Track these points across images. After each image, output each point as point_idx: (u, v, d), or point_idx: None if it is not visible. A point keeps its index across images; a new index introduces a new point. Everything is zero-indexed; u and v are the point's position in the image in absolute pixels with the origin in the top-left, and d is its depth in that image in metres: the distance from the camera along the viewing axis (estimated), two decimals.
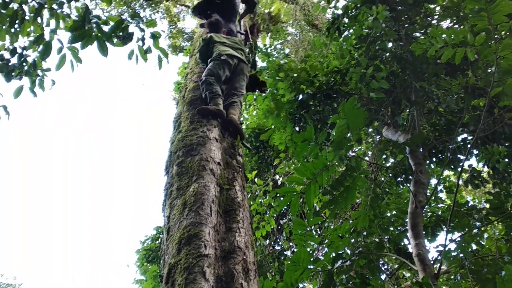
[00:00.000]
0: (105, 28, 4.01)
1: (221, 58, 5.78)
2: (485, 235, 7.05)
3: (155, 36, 4.30)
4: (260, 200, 9.73)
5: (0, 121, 4.84)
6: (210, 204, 3.71)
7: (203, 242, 3.31)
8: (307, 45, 14.87)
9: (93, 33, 3.96)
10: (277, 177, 10.76)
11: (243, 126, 11.43)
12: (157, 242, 15.55)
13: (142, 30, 4.23)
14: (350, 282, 6.09)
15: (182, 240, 3.36)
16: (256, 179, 10.25)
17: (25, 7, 4.45)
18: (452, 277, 6.99)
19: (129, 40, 4.13)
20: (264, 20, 16.36)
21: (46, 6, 4.44)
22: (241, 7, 8.28)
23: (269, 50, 14.83)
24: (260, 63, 9.06)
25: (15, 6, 4.38)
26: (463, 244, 6.52)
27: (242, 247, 3.52)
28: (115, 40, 4.06)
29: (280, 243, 11.26)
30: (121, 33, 4.03)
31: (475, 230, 6.56)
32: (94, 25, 3.96)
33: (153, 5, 18.22)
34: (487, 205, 6.53)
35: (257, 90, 7.68)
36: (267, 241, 10.97)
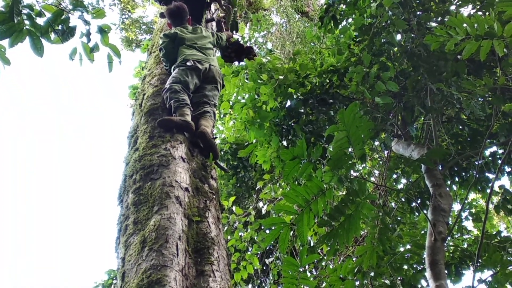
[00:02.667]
0: (40, 21, 4.01)
1: (187, 64, 5.83)
2: None
3: (103, 30, 4.28)
4: (240, 234, 9.70)
5: None
6: (176, 242, 3.69)
7: None
8: (296, 38, 14.96)
9: (25, 27, 3.95)
10: (260, 204, 10.73)
11: (217, 141, 11.44)
12: None
13: (87, 22, 4.21)
14: None
15: None
16: (234, 207, 10.22)
17: None
18: None
19: (70, 35, 4.11)
20: (241, 7, 16.36)
21: None
22: None
23: (248, 44, 14.85)
24: (236, 62, 9.06)
25: None
26: (496, 285, 6.55)
27: None
28: (52, 35, 4.04)
29: (266, 287, 11.24)
30: (60, 27, 4.02)
31: (510, 267, 6.60)
32: (26, 17, 3.95)
33: None
34: None
35: (244, 59, 7.72)
36: (250, 286, 10.94)
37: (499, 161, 7.22)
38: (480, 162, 7.38)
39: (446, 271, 6.62)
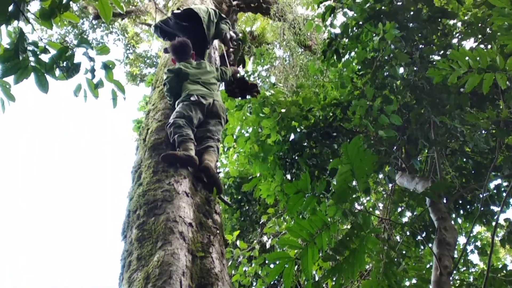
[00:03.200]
0: (45, 58, 4.03)
1: (191, 99, 5.85)
2: None
3: (108, 67, 4.30)
4: (244, 269, 9.65)
5: None
6: (180, 278, 3.66)
7: None
8: (299, 72, 14.99)
9: (30, 64, 3.97)
10: (265, 238, 10.68)
11: (221, 175, 11.41)
12: None
13: (92, 59, 4.22)
14: None
15: None
16: (238, 242, 10.18)
17: None
18: None
19: (75, 72, 4.12)
20: (245, 41, 16.43)
21: None
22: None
23: (251, 78, 14.91)
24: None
25: None
26: None
27: None
28: (57, 72, 4.05)
29: None
30: (65, 63, 4.04)
31: None
32: (31, 54, 3.97)
33: (105, 24, 18.37)
34: None
35: (247, 96, 7.72)
36: None
37: (504, 194, 7.19)
38: (484, 195, 7.36)
39: None
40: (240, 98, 8.20)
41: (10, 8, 3.96)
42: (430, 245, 7.46)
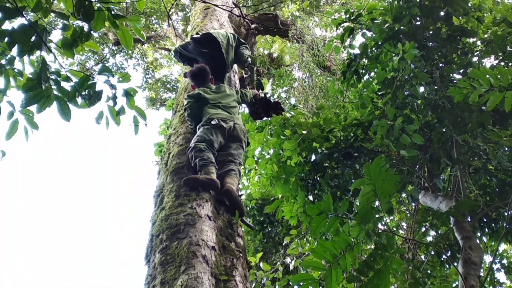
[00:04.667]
0: (67, 86, 4.06)
1: (212, 122, 5.88)
2: None
3: (129, 94, 4.33)
4: None
5: None
6: None
7: None
8: (319, 93, 15.00)
9: (52, 93, 4.01)
10: (288, 260, 10.65)
11: (243, 197, 11.41)
12: None
13: (113, 86, 4.25)
14: None
15: None
16: (261, 264, 10.14)
17: None
18: None
19: (97, 100, 4.15)
20: (264, 63, 16.45)
21: None
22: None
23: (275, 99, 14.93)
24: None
25: None
26: None
27: None
28: (79, 100, 4.09)
29: None
30: (87, 91, 4.07)
31: None
32: (53, 83, 4.00)
33: (124, 49, 18.53)
34: None
35: (272, 114, 7.72)
36: None
37: None
38: (510, 212, 7.28)
39: None
40: (266, 118, 8.21)
41: (33, 38, 4.01)
42: (455, 264, 7.39)
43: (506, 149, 7.05)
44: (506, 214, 7.32)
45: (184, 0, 17.57)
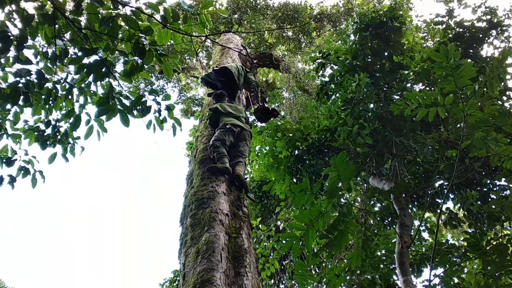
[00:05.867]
0: (126, 102, 4.08)
1: (226, 127, 5.90)
2: (465, 270, 6.93)
3: (169, 108, 4.34)
4: (264, 244, 9.62)
5: (36, 184, 4.84)
6: (220, 252, 3.66)
7: (215, 286, 3.26)
8: (300, 107, 15.01)
9: (117, 107, 4.02)
10: (279, 223, 10.65)
11: (248, 180, 11.42)
12: (174, 284, 15.22)
13: (158, 103, 4.27)
14: None
15: (196, 285, 3.30)
16: (260, 225, 10.16)
17: (58, 86, 4.53)
18: None
19: (147, 112, 4.16)
20: (262, 87, 16.50)
21: (75, 85, 4.52)
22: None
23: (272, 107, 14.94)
24: (260, 124, 9.18)
25: (49, 85, 4.47)
26: (446, 279, 6.40)
27: None
28: (135, 112, 4.10)
29: (284, 282, 11.05)
30: (140, 106, 4.08)
31: (456, 266, 6.46)
32: (117, 100, 4.02)
33: (166, 78, 18.55)
34: (465, 243, 6.45)
35: (270, 118, 7.73)
36: (272, 281, 10.76)
37: (445, 191, 7.12)
38: (431, 191, 7.29)
39: (410, 269, 6.49)
40: (265, 120, 8.23)
41: (103, 69, 4.02)
42: (394, 227, 7.39)
43: (430, 147, 7.06)
44: (429, 192, 7.33)
45: (207, 43, 17.53)
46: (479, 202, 6.70)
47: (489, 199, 6.83)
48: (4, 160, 4.80)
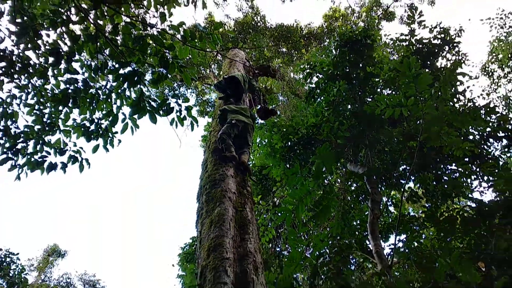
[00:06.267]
0: (154, 104, 4.07)
1: (232, 122, 5.82)
2: (423, 236, 6.95)
3: (188, 109, 4.31)
4: (264, 216, 9.63)
5: (83, 169, 4.85)
6: (229, 222, 3.67)
7: (225, 249, 3.27)
8: (292, 108, 14.99)
9: (146, 108, 4.01)
10: (275, 199, 10.68)
11: (250, 165, 11.43)
12: (193, 247, 15.29)
13: (179, 105, 4.24)
14: (329, 273, 5.98)
15: (210, 248, 3.31)
16: (260, 201, 10.17)
17: (100, 92, 4.53)
18: (401, 267, 6.85)
19: (170, 112, 4.14)
20: (262, 92, 16.45)
21: (113, 91, 4.52)
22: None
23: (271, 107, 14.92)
24: (260, 121, 9.16)
25: (93, 91, 4.47)
26: (408, 243, 6.42)
27: (252, 251, 3.47)
28: (161, 112, 4.09)
29: (279, 246, 11.09)
30: (165, 107, 4.07)
31: (415, 233, 6.48)
32: (147, 103, 4.01)
33: (185, 85, 18.50)
34: (423, 215, 6.46)
35: (269, 117, 7.72)
36: (270, 245, 10.80)
37: (408, 173, 7.12)
38: (397, 174, 7.29)
39: (379, 235, 6.51)
40: (265, 118, 8.20)
41: (135, 78, 4.02)
42: (367, 202, 7.40)
43: (395, 139, 7.05)
44: (394, 175, 7.33)
45: (218, 57, 17.48)
46: (434, 183, 6.71)
47: (442, 180, 6.83)
48: (57, 150, 4.80)
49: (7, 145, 4.55)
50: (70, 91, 4.43)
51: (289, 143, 8.16)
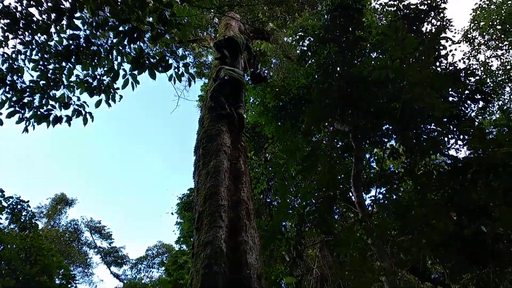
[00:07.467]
0: (153, 60, 3.97)
1: (225, 78, 5.65)
2: (402, 189, 7.07)
3: (186, 65, 4.23)
4: (256, 170, 9.72)
5: (87, 122, 4.79)
6: (224, 173, 3.69)
7: (220, 197, 3.30)
8: (285, 70, 14.78)
9: (146, 64, 3.91)
10: (267, 155, 10.75)
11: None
12: (190, 198, 15.54)
13: (177, 61, 4.16)
14: (315, 220, 6.12)
15: (207, 196, 3.35)
16: (253, 157, 10.23)
17: (101, 48, 4.39)
18: (381, 216, 7.03)
19: (169, 68, 4.05)
20: (256, 54, 16.14)
21: (114, 47, 4.38)
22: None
23: (263, 72, 14.70)
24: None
25: (94, 47, 4.33)
26: (388, 195, 6.55)
27: (245, 199, 3.51)
28: (160, 68, 4.00)
29: (270, 197, 11.29)
30: (163, 64, 3.97)
31: (395, 186, 6.58)
32: (146, 60, 3.91)
33: (183, 46, 18.06)
34: (402, 170, 6.54)
35: (261, 81, 7.64)
36: (262, 196, 10.99)
37: (390, 132, 7.15)
38: (379, 133, 7.31)
39: (362, 188, 6.62)
40: (256, 83, 8.08)
41: (135, 35, 3.88)
42: (351, 158, 7.46)
43: (380, 100, 7.01)
44: (378, 133, 7.35)
45: (215, 20, 16.96)
46: (414, 141, 6.75)
47: (421, 138, 6.87)
48: (62, 105, 4.72)
49: (14, 98, 4.46)
50: (72, 47, 4.29)
51: (281, 103, 8.09)
